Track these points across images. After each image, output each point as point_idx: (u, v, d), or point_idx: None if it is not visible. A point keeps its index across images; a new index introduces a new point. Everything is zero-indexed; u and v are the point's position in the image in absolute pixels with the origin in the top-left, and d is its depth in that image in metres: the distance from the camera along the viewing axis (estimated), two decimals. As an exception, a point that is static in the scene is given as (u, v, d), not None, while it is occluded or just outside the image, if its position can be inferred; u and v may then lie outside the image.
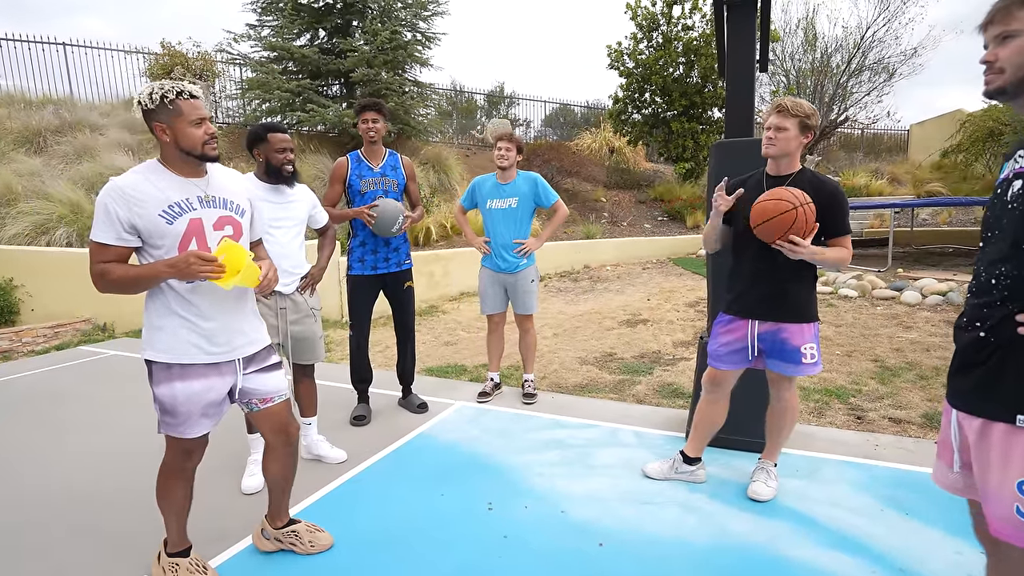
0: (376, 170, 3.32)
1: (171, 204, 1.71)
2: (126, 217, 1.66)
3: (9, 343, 5.66)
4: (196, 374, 1.78)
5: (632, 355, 4.90)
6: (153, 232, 1.70)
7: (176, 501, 1.93)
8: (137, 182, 1.69)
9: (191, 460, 1.92)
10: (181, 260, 1.64)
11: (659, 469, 2.63)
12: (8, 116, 8.70)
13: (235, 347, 1.85)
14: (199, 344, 1.77)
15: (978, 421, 1.20)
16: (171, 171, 1.75)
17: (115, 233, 1.67)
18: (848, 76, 14.72)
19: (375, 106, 3.26)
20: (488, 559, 2.07)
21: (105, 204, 1.66)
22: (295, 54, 9.69)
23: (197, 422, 1.80)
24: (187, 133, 1.71)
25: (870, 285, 6.88)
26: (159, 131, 1.71)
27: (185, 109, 1.69)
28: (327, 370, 4.34)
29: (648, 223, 11.84)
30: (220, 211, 1.81)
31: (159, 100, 1.66)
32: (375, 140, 3.29)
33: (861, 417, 3.40)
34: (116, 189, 1.66)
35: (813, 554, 2.04)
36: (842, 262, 2.15)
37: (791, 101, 2.18)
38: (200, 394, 1.78)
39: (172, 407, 1.77)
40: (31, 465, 2.97)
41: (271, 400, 1.94)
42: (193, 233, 1.74)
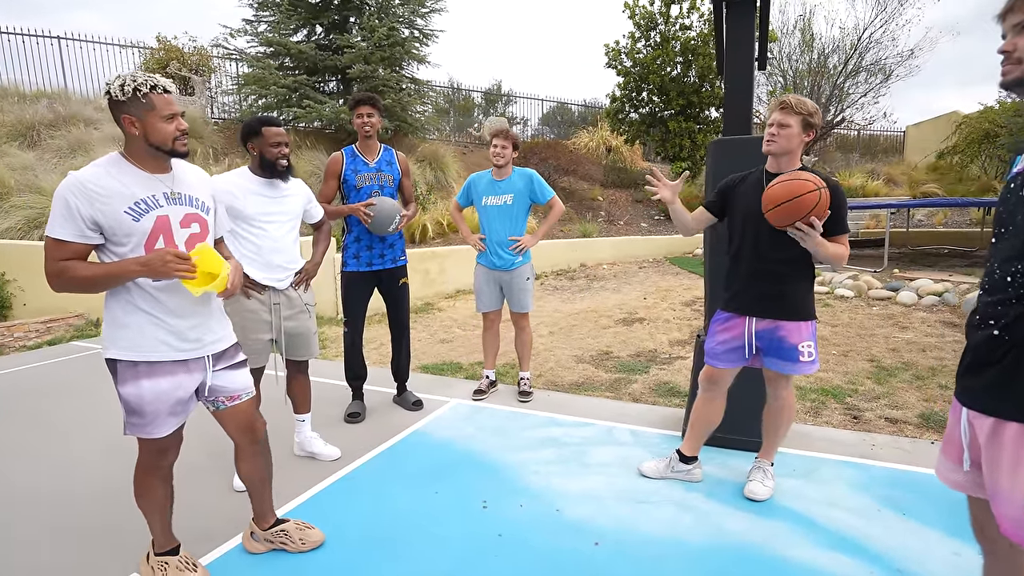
0: (371, 165, 3.28)
1: (137, 201, 1.64)
2: (88, 213, 1.58)
3: (0, 338, 5.60)
4: (164, 372, 1.73)
5: (628, 354, 4.89)
6: (118, 230, 1.62)
7: (156, 500, 1.89)
8: (100, 176, 1.61)
9: (166, 458, 1.87)
10: (156, 258, 1.58)
11: (655, 468, 2.62)
12: (1, 109, 8.62)
13: (205, 344, 1.80)
14: (167, 341, 1.72)
15: (990, 420, 1.18)
16: (135, 166, 1.69)
17: (76, 229, 1.59)
18: (845, 77, 14.75)
19: (370, 100, 3.22)
20: (483, 558, 2.04)
21: (65, 199, 1.57)
22: (292, 50, 9.63)
23: (165, 421, 1.75)
24: (158, 128, 1.64)
25: (866, 285, 6.89)
26: (128, 124, 1.64)
27: (158, 103, 1.64)
28: (321, 367, 4.31)
29: (645, 222, 11.84)
30: (186, 208, 1.75)
31: (131, 92, 1.60)
32: (370, 135, 3.25)
33: (858, 417, 3.40)
34: (77, 183, 1.58)
35: (811, 554, 2.03)
36: (840, 259, 2.14)
37: (795, 98, 2.15)
38: (168, 392, 1.73)
39: (139, 407, 1.71)
40: (21, 462, 2.93)
41: (238, 398, 1.91)
42: (160, 231, 1.68)
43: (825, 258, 2.12)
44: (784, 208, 2.02)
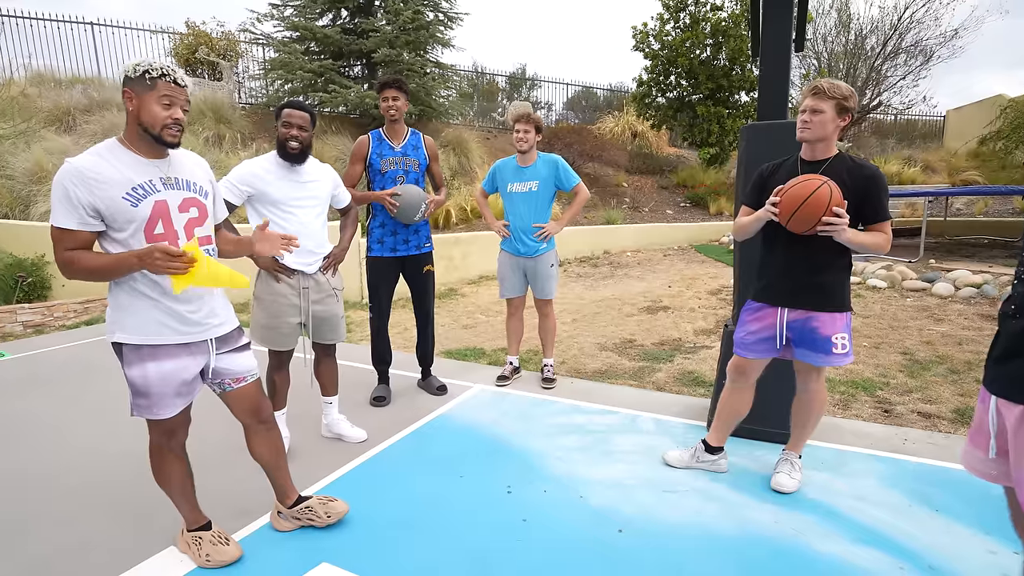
0: (397, 149, 3.27)
1: (134, 186, 1.65)
2: (88, 201, 1.59)
3: (42, 317, 5.82)
4: (168, 354, 1.76)
5: (652, 342, 4.85)
6: (117, 215, 1.63)
7: (175, 480, 1.94)
8: (96, 163, 1.62)
9: (175, 438, 1.91)
10: (147, 254, 1.59)
11: (680, 457, 2.60)
12: (39, 95, 8.86)
13: (207, 327, 1.83)
14: (170, 324, 1.75)
15: (1019, 408, 1.16)
16: (131, 150, 1.69)
17: (78, 217, 1.60)
18: (883, 59, 14.20)
19: (396, 83, 3.19)
20: (508, 542, 2.07)
21: (64, 187, 1.57)
22: (317, 34, 9.66)
23: (171, 402, 1.78)
24: (151, 109, 1.65)
25: (900, 276, 6.69)
26: (126, 98, 1.66)
27: (159, 87, 1.64)
28: (347, 351, 4.37)
29: (670, 209, 11.66)
30: (184, 192, 1.76)
31: (140, 73, 1.63)
32: (396, 118, 3.23)
33: (889, 411, 3.32)
34: (75, 171, 1.58)
35: (839, 547, 2.00)
36: (880, 248, 2.07)
37: (828, 82, 2.08)
38: (172, 374, 1.76)
39: (145, 389, 1.75)
40: (65, 436, 3.05)
41: (243, 380, 1.93)
42: (159, 216, 1.69)
43: (863, 248, 2.07)
44: (800, 215, 2.01)
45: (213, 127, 8.99)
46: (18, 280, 5.95)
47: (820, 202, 1.97)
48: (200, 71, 11.00)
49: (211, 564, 1.92)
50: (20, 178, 6.97)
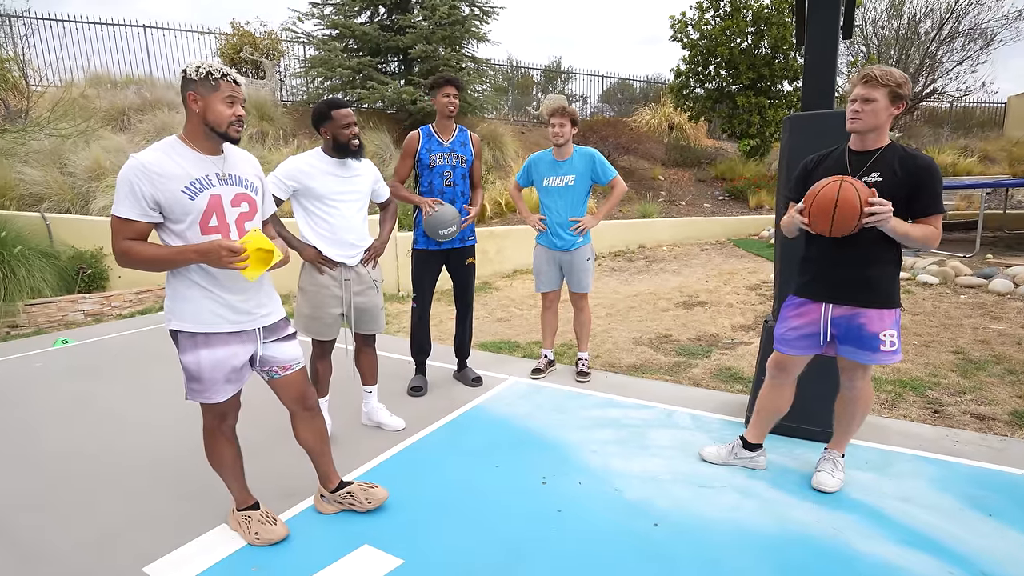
0: (446, 145, 3.33)
1: (192, 180, 1.75)
2: (150, 193, 1.69)
3: (100, 307, 6.16)
4: (220, 342, 1.85)
5: (689, 337, 4.78)
6: (176, 207, 1.73)
7: (226, 461, 2.04)
8: (159, 158, 1.72)
9: (226, 421, 2.02)
10: (211, 251, 1.69)
11: (717, 453, 2.57)
12: (97, 96, 9.32)
13: (256, 317, 1.92)
14: (222, 314, 1.85)
15: None
16: (191, 147, 1.79)
17: (140, 209, 1.70)
18: (938, 44, 13.50)
19: (455, 81, 3.27)
20: (543, 531, 2.09)
21: (129, 180, 1.68)
22: (356, 31, 9.82)
23: (222, 388, 1.89)
24: (217, 109, 1.75)
25: (953, 271, 6.39)
26: (191, 100, 1.75)
27: (222, 87, 1.75)
28: (385, 342, 4.47)
29: (708, 202, 11.41)
30: (236, 188, 1.86)
31: (203, 74, 1.73)
32: (453, 114, 3.31)
33: (939, 411, 3.19)
34: (139, 165, 1.69)
35: (883, 549, 1.95)
36: (928, 242, 1.99)
37: (879, 69, 1.99)
38: (224, 361, 1.86)
39: (198, 374, 1.85)
40: (125, 417, 3.24)
41: (290, 368, 2.02)
42: (213, 209, 1.79)
43: (909, 241, 1.99)
44: (838, 222, 1.97)
45: (256, 124, 9.27)
46: (79, 271, 6.30)
47: (851, 201, 1.92)
48: (244, 70, 11.36)
49: (260, 542, 2.02)
50: (80, 175, 7.36)
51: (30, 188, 7.09)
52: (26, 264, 5.85)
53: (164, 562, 1.95)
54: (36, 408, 3.43)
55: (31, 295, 5.82)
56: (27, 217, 6.52)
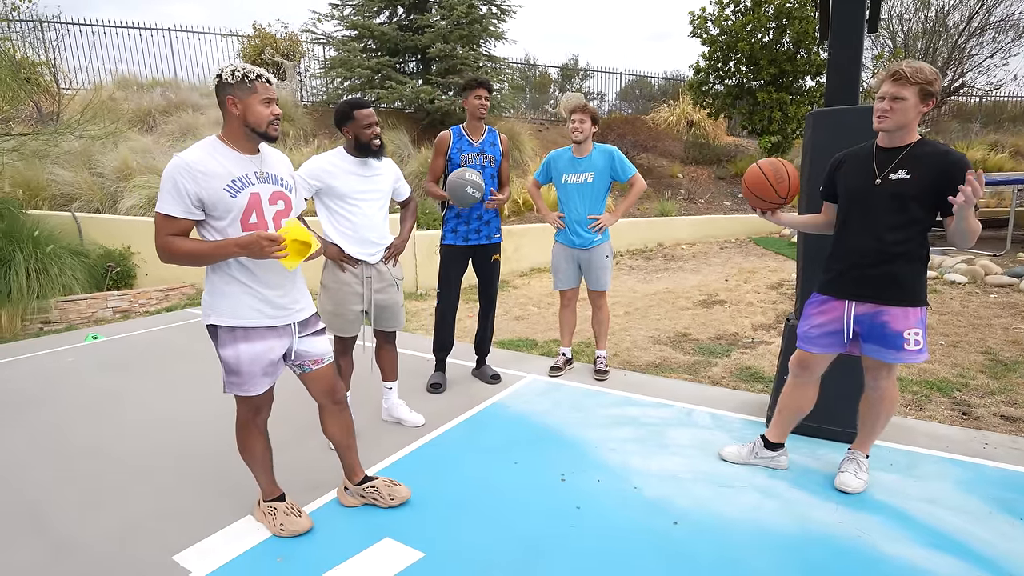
0: (476, 145, 3.40)
1: (234, 179, 1.81)
2: (194, 191, 1.74)
3: (128, 304, 6.32)
4: (258, 336, 1.91)
5: (708, 336, 4.74)
6: (218, 204, 1.79)
7: (256, 454, 2.09)
8: (202, 157, 1.78)
9: (260, 414, 2.07)
10: (253, 242, 1.75)
11: (737, 453, 2.56)
12: (124, 98, 9.55)
13: (291, 312, 1.98)
14: (261, 309, 1.90)
15: None
16: (231, 147, 1.85)
17: (184, 207, 1.75)
18: (968, 36, 13.15)
19: (487, 83, 3.35)
20: (562, 528, 2.10)
21: (174, 179, 1.73)
22: (375, 31, 9.91)
23: (259, 381, 1.94)
24: (256, 110, 1.82)
25: (983, 270, 6.23)
26: (231, 104, 1.80)
27: (259, 89, 1.81)
28: (404, 339, 4.52)
29: (727, 200, 11.28)
30: (273, 186, 1.91)
31: (240, 77, 1.78)
32: (483, 116, 3.37)
33: (967, 413, 3.12)
34: (184, 164, 1.74)
35: (908, 551, 1.92)
36: (975, 236, 1.92)
37: (909, 66, 1.94)
38: (262, 355, 1.91)
39: (237, 367, 1.90)
40: (151, 412, 3.33)
41: (321, 362, 2.07)
42: (253, 207, 1.85)
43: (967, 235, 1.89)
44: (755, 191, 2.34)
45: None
46: (108, 269, 6.47)
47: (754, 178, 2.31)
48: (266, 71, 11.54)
49: (284, 533, 2.06)
50: (109, 175, 7.55)
51: (61, 188, 7.30)
52: (58, 262, 6.04)
53: (192, 551, 2.00)
54: (67, 402, 3.54)
55: (63, 292, 5.99)
56: (59, 217, 6.72)
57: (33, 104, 8.45)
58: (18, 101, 7.55)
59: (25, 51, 8.55)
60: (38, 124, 8.20)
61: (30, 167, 7.21)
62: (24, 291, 5.67)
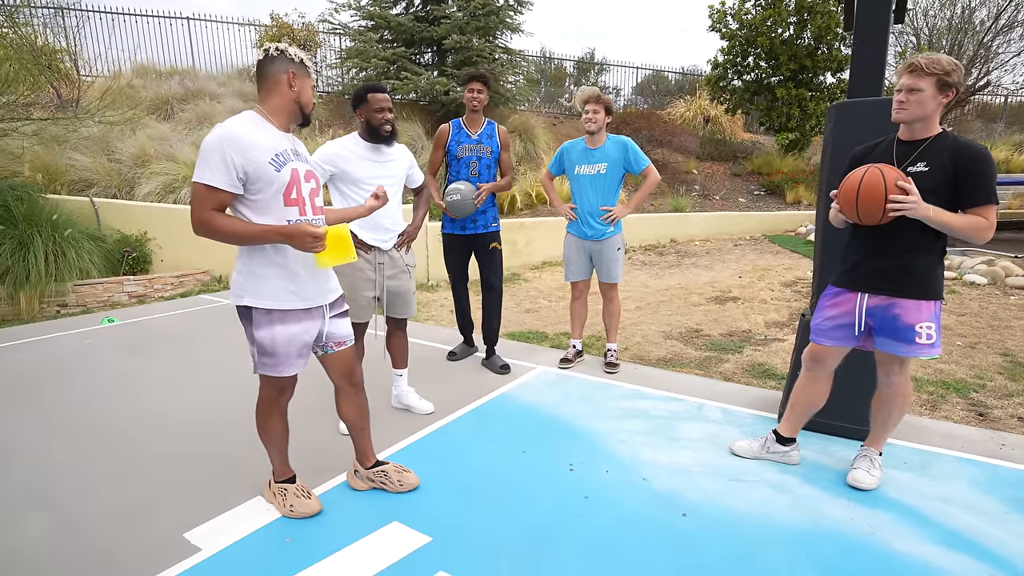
0: (473, 137, 3.47)
1: (277, 153, 1.82)
2: (240, 163, 1.72)
3: (144, 289, 6.40)
4: (293, 319, 1.93)
5: (720, 332, 4.70)
6: (262, 177, 1.78)
7: (275, 435, 2.11)
8: (248, 129, 1.78)
9: (284, 395, 2.09)
10: (296, 234, 1.76)
11: (748, 447, 2.53)
12: (143, 86, 9.64)
13: (322, 294, 2.00)
14: (297, 292, 1.92)
15: None
16: (271, 123, 1.87)
17: (228, 178, 1.73)
18: (995, 33, 12.85)
19: (482, 77, 3.41)
20: (570, 517, 2.10)
21: (221, 149, 1.70)
22: (391, 22, 9.90)
23: (293, 362, 1.96)
24: (309, 93, 1.93)
25: (1003, 272, 6.10)
26: (290, 79, 1.85)
27: (312, 75, 1.94)
28: (415, 328, 4.53)
29: (743, 197, 11.16)
30: (307, 165, 1.95)
31: (301, 60, 1.85)
32: (477, 109, 3.44)
33: (984, 414, 3.07)
34: (231, 136, 1.72)
35: (921, 548, 1.89)
36: (977, 232, 1.90)
37: (925, 58, 1.93)
38: (297, 337, 1.93)
39: (272, 349, 1.91)
40: (164, 395, 3.37)
41: (344, 344, 2.09)
42: (294, 183, 1.86)
43: (952, 231, 1.92)
44: (863, 209, 1.97)
45: (293, 114, 9.46)
46: (124, 254, 6.56)
47: (874, 189, 1.92)
48: (282, 61, 11.57)
49: (294, 514, 2.08)
50: (126, 161, 7.64)
51: (79, 174, 7.39)
52: (75, 246, 6.12)
53: (202, 529, 2.03)
54: (82, 383, 3.59)
55: (80, 276, 6.08)
56: (77, 201, 6.81)
57: (53, 90, 8.55)
58: (39, 87, 7.66)
59: (46, 37, 8.66)
60: (58, 110, 8.31)
61: (49, 152, 7.31)
62: (42, 274, 5.76)
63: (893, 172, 1.93)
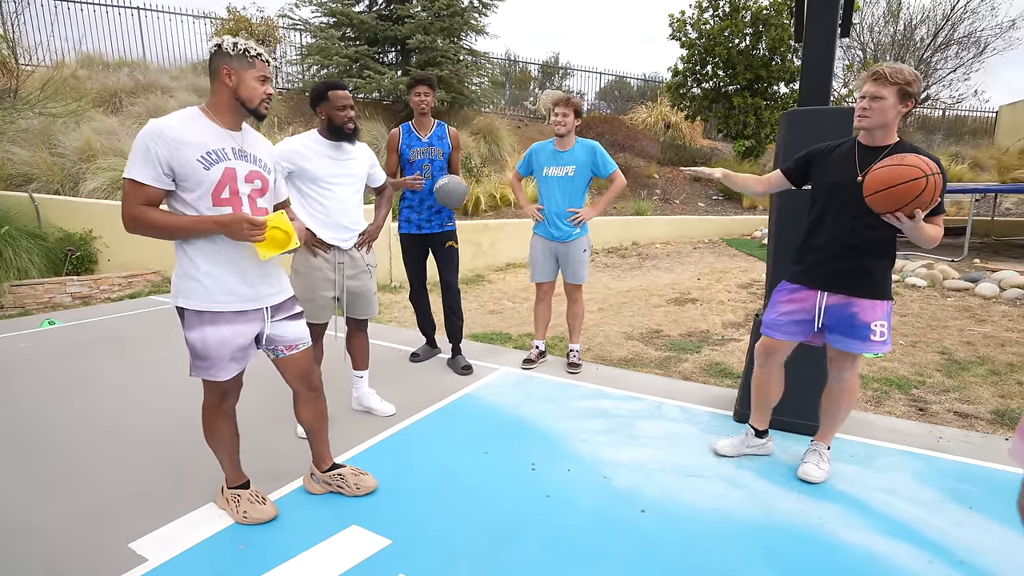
0: (424, 140, 3.49)
1: (209, 151, 1.75)
2: (166, 158, 1.69)
3: (88, 290, 6.09)
4: (225, 321, 1.85)
5: (679, 333, 4.81)
6: (190, 175, 1.73)
7: (223, 439, 2.04)
8: (178, 125, 1.73)
9: (228, 400, 2.01)
10: (233, 222, 1.72)
11: (731, 445, 2.56)
12: (88, 77, 9.19)
13: (263, 296, 1.92)
14: (232, 292, 1.84)
15: None
16: (212, 120, 1.81)
17: (154, 173, 1.69)
18: (933, 51, 13.63)
19: (427, 80, 3.42)
20: (532, 515, 2.10)
21: (145, 144, 1.67)
22: (354, 20, 9.75)
23: (226, 366, 1.88)
24: (250, 85, 1.80)
25: (941, 275, 6.47)
26: (225, 74, 1.77)
27: (258, 65, 1.80)
28: (377, 329, 4.46)
29: (702, 202, 11.47)
30: (251, 165, 1.86)
31: (241, 51, 1.76)
32: (425, 112, 3.45)
33: (924, 409, 3.24)
34: (157, 130, 1.68)
35: (866, 538, 1.98)
36: (935, 239, 2.01)
37: (889, 67, 2.01)
38: (229, 340, 1.85)
39: (203, 351, 1.84)
40: (112, 398, 3.21)
41: (296, 347, 2.03)
42: (226, 182, 1.79)
43: (920, 240, 1.99)
44: (888, 194, 1.86)
45: (251, 110, 9.19)
46: (67, 253, 6.22)
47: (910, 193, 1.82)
48: (239, 56, 11.23)
49: (247, 521, 2.01)
50: (70, 156, 7.26)
51: (18, 168, 6.98)
52: (13, 244, 5.78)
53: (150, 538, 1.94)
54: (23, 388, 3.39)
55: (18, 276, 5.74)
56: (15, 197, 6.43)
57: (-11, 79, 8.06)
58: (-27, 75, 7.20)
59: (-19, 23, 8.15)
60: (-6, 100, 7.83)
61: (-16, 144, 6.88)
62: (-25, 273, 5.41)
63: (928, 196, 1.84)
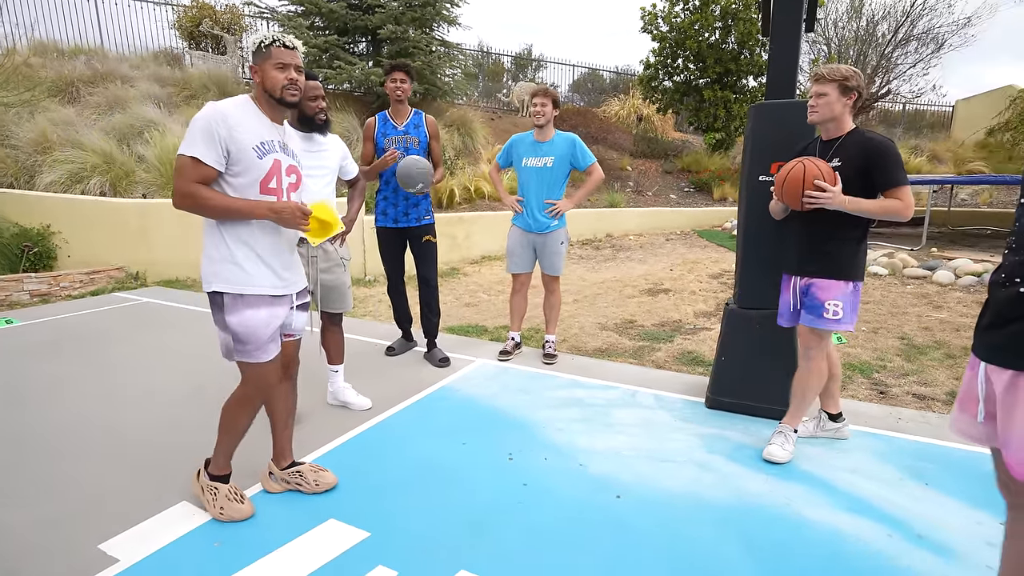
0: (399, 128, 3.45)
1: (262, 141, 1.83)
2: (226, 141, 1.74)
3: (48, 287, 5.87)
4: (264, 304, 1.89)
5: (653, 323, 4.89)
6: (242, 160, 1.78)
7: (240, 431, 2.04)
8: (238, 111, 1.79)
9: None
10: (286, 209, 1.81)
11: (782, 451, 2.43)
12: (42, 65, 8.79)
13: (291, 283, 1.98)
14: (270, 277, 1.89)
15: (1008, 373, 1.20)
16: (261, 111, 1.87)
17: (216, 154, 1.73)
18: (894, 46, 14.04)
19: (404, 67, 3.37)
20: (509, 503, 2.13)
21: (209, 125, 1.72)
22: (322, 9, 9.55)
23: (266, 347, 1.92)
24: (271, 75, 1.82)
25: (901, 263, 6.72)
26: (254, 72, 1.85)
27: (274, 54, 1.81)
28: (352, 324, 4.42)
29: (674, 194, 11.64)
30: (290, 159, 1.96)
31: (258, 46, 1.82)
32: (402, 99, 3.40)
33: (884, 392, 3.37)
34: (219, 113, 1.74)
35: (830, 516, 2.06)
36: (895, 212, 2.17)
37: (827, 67, 2.27)
38: (267, 322, 1.90)
39: (245, 335, 1.87)
40: (74, 398, 3.11)
41: (292, 336, 2.09)
42: (274, 172, 1.86)
43: (871, 214, 2.20)
44: (786, 195, 2.26)
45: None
46: (24, 249, 5.98)
47: (795, 180, 2.21)
48: (204, 44, 10.91)
49: (223, 518, 1.99)
50: (24, 148, 6.96)
51: (-32, 160, 6.67)
52: (-35, 240, 5.52)
53: (121, 538, 1.90)
54: (-21, 389, 3.26)
55: (-29, 273, 5.49)
56: (-35, 191, 6.14)
57: (-66, 66, 7.64)
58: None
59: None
60: (-60, 89, 7.43)
61: (-69, 136, 6.55)
62: (-75, 271, 5.16)
63: (815, 169, 2.18)
